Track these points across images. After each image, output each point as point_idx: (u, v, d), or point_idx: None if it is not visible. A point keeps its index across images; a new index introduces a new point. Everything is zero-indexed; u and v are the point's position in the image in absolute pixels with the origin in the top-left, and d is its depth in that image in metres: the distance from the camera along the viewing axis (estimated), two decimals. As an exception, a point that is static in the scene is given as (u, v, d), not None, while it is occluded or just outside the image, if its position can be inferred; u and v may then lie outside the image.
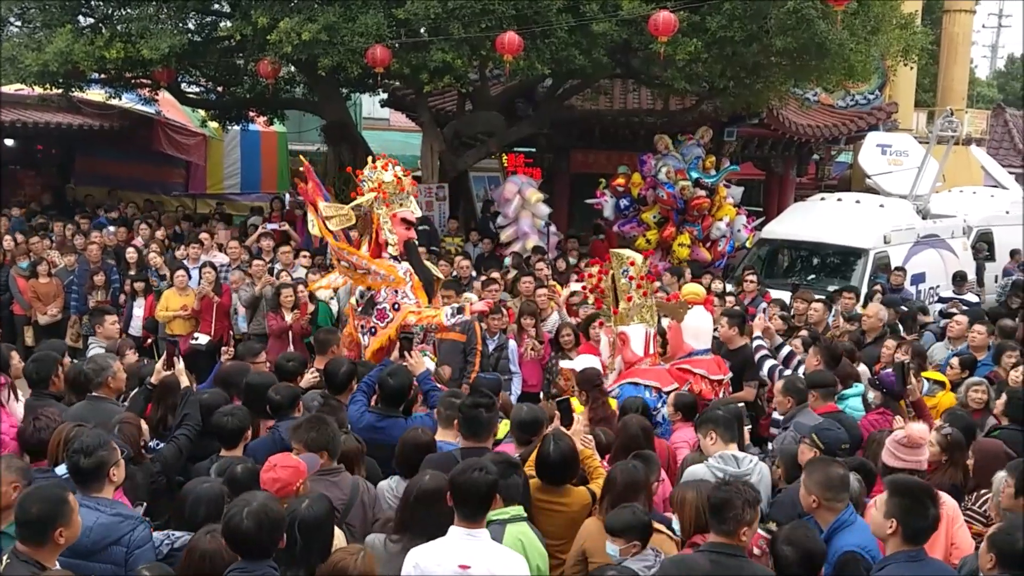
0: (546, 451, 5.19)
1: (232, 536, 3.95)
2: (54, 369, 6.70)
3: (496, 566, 4.24)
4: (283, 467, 4.80)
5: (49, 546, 3.96)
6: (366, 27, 12.22)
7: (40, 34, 13.63)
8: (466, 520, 4.33)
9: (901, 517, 4.20)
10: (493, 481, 4.40)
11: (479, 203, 18.72)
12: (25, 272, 12.85)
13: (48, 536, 3.94)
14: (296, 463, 4.86)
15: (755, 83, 14.83)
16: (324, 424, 5.25)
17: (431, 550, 4.30)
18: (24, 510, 3.94)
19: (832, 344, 8.49)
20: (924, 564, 4.21)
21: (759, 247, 15.77)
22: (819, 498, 4.75)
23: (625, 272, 8.55)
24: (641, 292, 8.51)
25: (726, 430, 5.80)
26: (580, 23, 12.77)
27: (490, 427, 5.52)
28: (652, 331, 8.47)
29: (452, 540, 4.31)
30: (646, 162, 15.73)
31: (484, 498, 4.37)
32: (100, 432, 4.72)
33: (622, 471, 5.08)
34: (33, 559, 3.91)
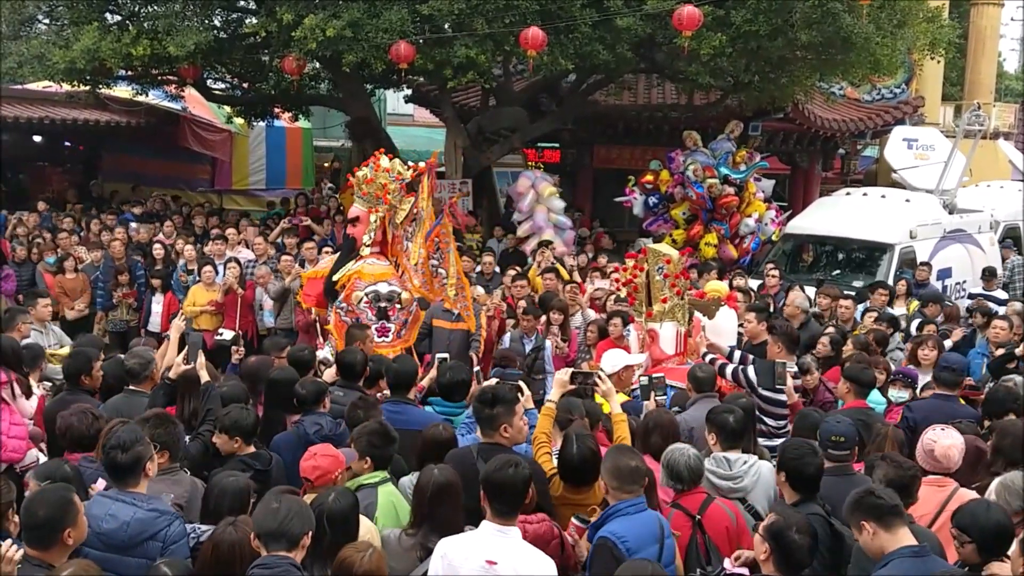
0: (569, 452, 5.12)
1: (261, 530, 4.00)
2: (90, 365, 6.79)
3: (523, 565, 4.21)
4: (323, 456, 4.90)
5: (58, 548, 4.00)
6: (390, 23, 12.25)
7: (68, 31, 13.72)
8: (498, 516, 4.32)
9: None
10: (527, 477, 4.38)
11: (502, 199, 18.73)
12: (52, 268, 12.95)
13: (57, 539, 3.98)
14: (336, 453, 4.94)
15: (780, 77, 14.78)
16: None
17: (460, 543, 4.30)
18: (31, 515, 3.96)
19: (788, 329, 8.39)
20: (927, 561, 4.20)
21: (783, 242, 15.70)
22: (608, 485, 4.75)
23: (660, 269, 8.52)
24: (675, 291, 8.48)
25: (727, 436, 5.68)
26: (604, 18, 12.75)
27: (493, 423, 5.42)
28: (683, 330, 8.44)
29: (482, 535, 4.31)
30: (674, 159, 15.67)
31: (518, 495, 4.34)
32: (136, 427, 4.77)
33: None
34: (44, 562, 3.95)
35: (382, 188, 8.84)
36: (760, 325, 8.87)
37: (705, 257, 15.09)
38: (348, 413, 5.91)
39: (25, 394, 6.44)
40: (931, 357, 8.60)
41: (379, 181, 8.87)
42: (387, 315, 8.68)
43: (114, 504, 4.43)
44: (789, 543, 4.22)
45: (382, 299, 8.71)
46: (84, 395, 6.59)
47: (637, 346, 8.68)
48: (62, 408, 5.86)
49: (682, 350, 8.40)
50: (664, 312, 8.46)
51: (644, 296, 8.75)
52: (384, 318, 8.68)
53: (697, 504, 5.16)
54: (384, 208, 8.95)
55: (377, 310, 8.70)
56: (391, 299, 8.75)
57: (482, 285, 11.89)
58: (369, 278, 8.83)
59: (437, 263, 9.15)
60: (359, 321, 8.59)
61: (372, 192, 8.90)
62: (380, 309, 8.69)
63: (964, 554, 4.44)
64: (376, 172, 8.89)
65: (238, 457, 5.47)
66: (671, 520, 5.03)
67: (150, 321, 12.16)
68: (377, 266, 8.95)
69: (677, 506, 5.16)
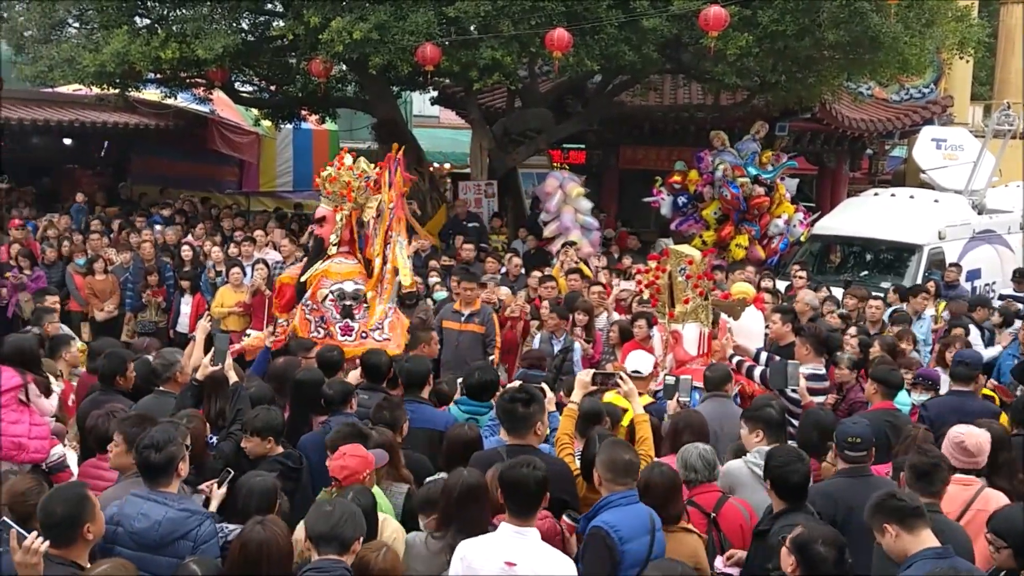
0: (592, 453, 5.17)
1: (313, 534, 4.04)
2: (125, 365, 6.86)
3: (542, 566, 4.23)
4: (352, 456, 4.93)
5: (79, 544, 4.04)
6: (416, 25, 12.29)
7: (97, 35, 13.86)
8: (516, 517, 4.33)
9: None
10: (542, 478, 4.38)
11: (528, 200, 18.75)
12: (82, 269, 13.08)
13: (77, 535, 4.02)
14: (365, 453, 4.97)
15: (807, 77, 14.71)
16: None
17: (479, 545, 4.31)
18: (49, 513, 3.99)
19: (816, 330, 8.36)
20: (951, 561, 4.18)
21: (811, 243, 15.62)
22: (602, 477, 4.77)
23: (682, 270, 8.50)
24: (698, 292, 8.46)
25: (773, 431, 5.79)
26: (630, 19, 12.74)
27: (528, 422, 5.45)
28: (707, 331, 8.42)
29: (501, 537, 4.32)
30: (703, 158, 15.62)
31: (534, 495, 4.35)
32: (169, 427, 4.81)
33: (660, 474, 5.04)
34: (67, 560, 3.99)
35: (346, 186, 8.86)
36: (786, 327, 8.83)
37: (735, 258, 15.04)
38: (374, 414, 5.95)
39: (44, 393, 6.51)
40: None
41: (343, 179, 8.89)
42: (352, 314, 8.69)
43: (146, 503, 4.48)
44: (815, 556, 4.19)
45: (347, 297, 8.72)
46: (117, 395, 6.66)
47: (661, 348, 8.67)
48: (95, 408, 5.92)
49: (706, 351, 8.36)
50: (686, 313, 8.43)
51: (667, 297, 8.72)
52: (348, 317, 8.70)
53: (712, 502, 5.27)
54: (349, 206, 8.97)
55: (342, 308, 8.71)
56: (356, 297, 8.77)
57: (507, 286, 11.91)
58: (336, 276, 8.84)
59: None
60: (324, 319, 8.65)
61: (336, 191, 8.93)
62: (345, 307, 8.70)
63: (1000, 559, 4.41)
64: (340, 170, 8.92)
65: (271, 457, 5.50)
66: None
67: (178, 322, 12.28)
68: (344, 265, 8.96)
69: (692, 503, 5.22)
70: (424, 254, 13.06)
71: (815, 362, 7.79)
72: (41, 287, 12.61)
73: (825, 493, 5.29)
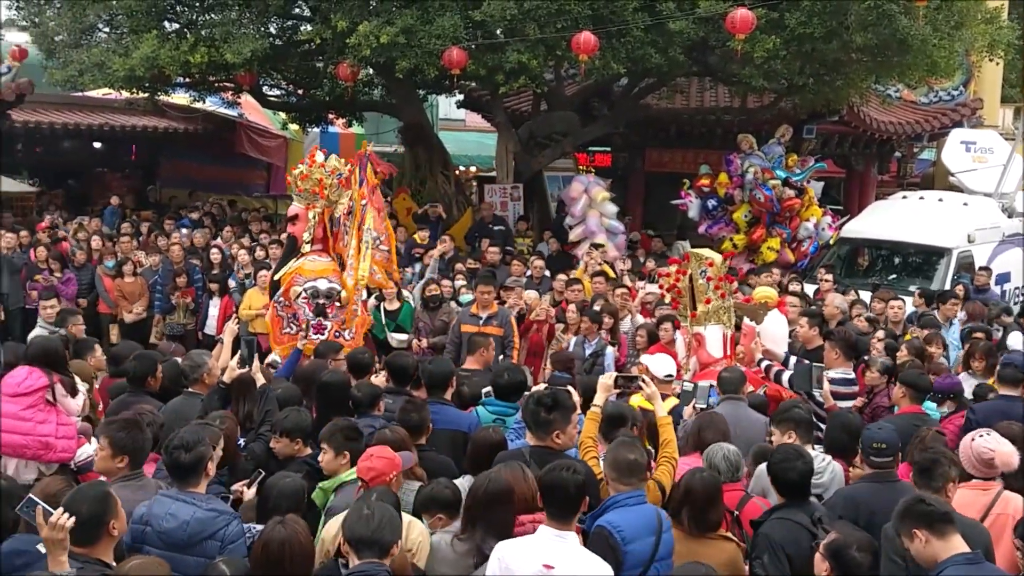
0: (617, 455, 5.19)
1: (351, 536, 4.06)
2: (156, 367, 6.94)
3: (580, 569, 4.20)
4: (379, 457, 4.95)
5: (104, 541, 4.09)
6: (443, 29, 12.33)
7: (127, 40, 13.95)
8: (555, 520, 4.31)
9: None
10: (581, 481, 4.36)
11: (554, 203, 18.75)
12: (111, 271, 13.20)
13: (102, 532, 4.07)
14: (392, 455, 4.99)
15: (835, 80, 14.63)
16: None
17: (518, 547, 4.29)
18: (73, 512, 4.00)
19: (846, 334, 8.29)
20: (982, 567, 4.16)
21: (839, 246, 15.53)
22: (607, 477, 4.81)
23: (703, 273, 8.49)
24: (719, 293, 8.44)
25: (805, 431, 5.82)
26: (656, 22, 12.72)
27: (550, 427, 5.43)
28: (729, 333, 8.40)
29: (540, 539, 4.30)
30: (732, 161, 15.56)
31: (572, 498, 4.32)
32: (198, 428, 4.86)
33: (701, 480, 5.03)
34: (93, 558, 4.02)
35: (318, 184, 8.89)
36: (813, 330, 8.77)
37: (765, 261, 14.99)
38: (400, 416, 5.96)
39: (70, 393, 6.58)
40: (982, 367, 8.43)
41: (314, 177, 8.93)
42: (325, 312, 8.72)
43: (174, 503, 4.53)
44: (850, 561, 4.17)
45: (320, 295, 8.76)
46: (146, 397, 6.74)
47: (684, 351, 8.65)
48: (124, 409, 5.98)
49: (729, 353, 8.35)
50: (708, 314, 8.42)
51: (688, 300, 8.71)
52: (322, 315, 8.73)
53: (735, 500, 5.28)
54: (322, 204, 9.00)
55: (315, 306, 8.75)
56: (330, 296, 8.80)
57: (532, 289, 11.90)
58: (309, 274, 8.89)
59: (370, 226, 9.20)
60: (296, 316, 8.67)
61: (308, 188, 8.96)
62: (318, 306, 8.74)
63: None
64: (311, 168, 8.95)
65: (300, 459, 5.54)
66: None
67: (206, 324, 12.38)
68: (318, 262, 9.00)
69: None
70: (447, 257, 13.07)
71: (844, 366, 7.75)
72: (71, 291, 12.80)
73: (849, 498, 5.28)
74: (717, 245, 15.54)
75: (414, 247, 14.09)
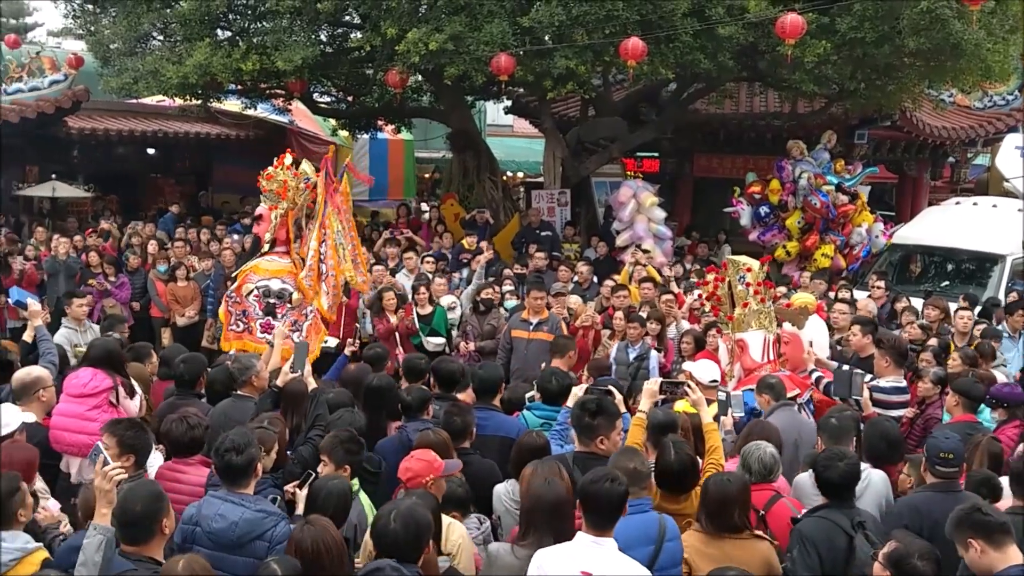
0: (667, 460, 5.16)
1: (380, 538, 4.08)
2: (204, 371, 7.05)
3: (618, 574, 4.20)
4: (418, 459, 5.01)
5: (157, 539, 4.15)
6: (491, 36, 12.37)
7: (181, 48, 14.16)
8: (593, 528, 4.31)
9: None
10: (623, 492, 4.35)
11: (601, 208, 18.73)
12: (164, 276, 13.39)
13: (156, 530, 4.13)
14: (432, 458, 5.03)
15: (887, 85, 14.48)
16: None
17: (556, 554, 4.29)
18: (127, 511, 4.09)
19: (896, 342, 8.15)
20: None
21: (891, 253, 15.34)
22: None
23: (742, 279, 8.45)
24: (759, 298, 8.39)
25: (830, 435, 5.77)
26: (705, 27, 12.65)
27: (594, 432, 5.46)
28: (771, 337, 8.34)
29: (578, 546, 4.29)
30: (783, 167, 15.45)
31: (614, 508, 4.32)
32: (246, 430, 4.92)
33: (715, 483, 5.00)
34: (144, 556, 4.08)
35: (282, 185, 8.94)
36: (866, 338, 8.60)
37: (819, 268, 14.86)
38: (445, 420, 5.99)
39: (129, 395, 6.69)
40: None
41: (279, 178, 8.98)
42: (274, 311, 8.77)
43: (223, 504, 4.59)
44: (911, 571, 4.11)
45: (272, 295, 8.82)
46: (194, 399, 6.85)
47: (726, 357, 8.59)
48: (171, 411, 6.07)
49: (772, 358, 8.28)
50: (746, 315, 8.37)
51: (729, 307, 8.67)
52: (271, 314, 8.78)
53: (764, 500, 5.28)
54: (284, 205, 9.04)
55: (265, 305, 8.80)
56: (281, 296, 8.86)
57: (579, 294, 11.90)
58: (263, 273, 8.96)
59: (339, 234, 9.25)
60: (246, 313, 8.71)
61: (273, 189, 9.01)
62: (268, 305, 8.80)
63: None
64: (277, 169, 9.00)
65: None
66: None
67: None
68: (275, 263, 9.06)
69: None
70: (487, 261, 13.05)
71: (895, 374, 7.64)
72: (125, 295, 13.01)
73: (912, 507, 5.21)
74: (770, 252, 15.45)
75: (461, 252, 14.13)
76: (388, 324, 11.02)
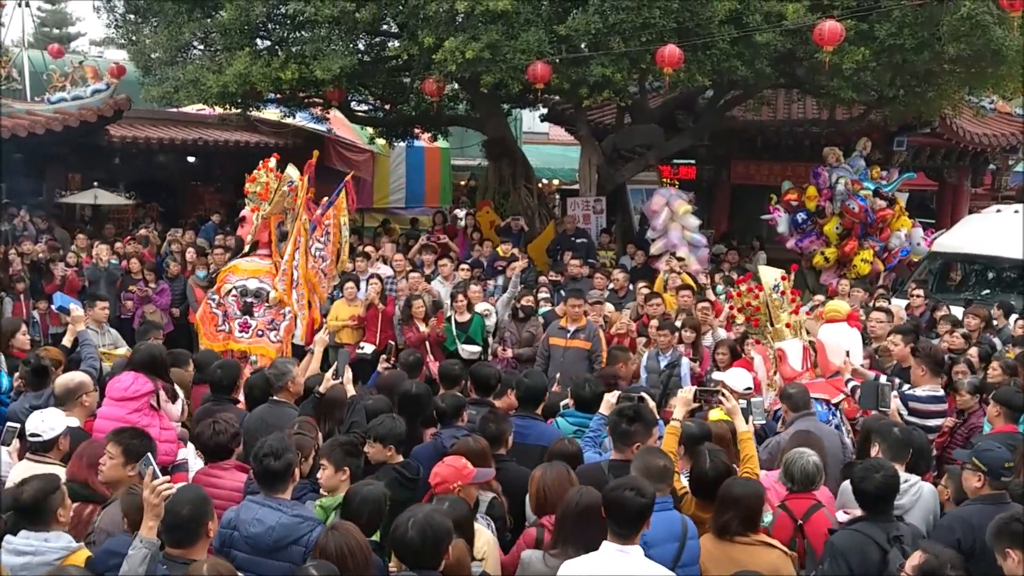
0: (702, 468, 5.17)
1: (398, 546, 4.10)
2: (239, 376, 7.12)
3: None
4: (447, 466, 5.06)
5: (202, 542, 4.20)
6: (528, 44, 12.39)
7: (221, 57, 14.29)
8: (618, 537, 4.33)
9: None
10: (646, 504, 4.35)
11: (636, 216, 18.70)
12: (203, 282, 13.48)
13: (202, 533, 4.19)
14: (462, 465, 5.07)
15: (927, 91, 14.36)
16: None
17: (583, 564, 4.32)
18: (176, 514, 4.14)
19: (933, 351, 8.01)
20: None
21: (930, 260, 15.18)
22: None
23: (776, 287, 8.41)
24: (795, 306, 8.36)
25: (894, 449, 5.69)
26: (742, 34, 12.61)
27: (632, 438, 5.47)
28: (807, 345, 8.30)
29: (604, 555, 4.31)
30: (820, 174, 15.36)
31: (636, 518, 4.33)
32: (284, 436, 4.98)
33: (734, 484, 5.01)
34: (189, 559, 4.12)
35: (264, 187, 8.99)
36: (907, 347, 8.49)
37: (859, 274, 14.75)
38: (480, 426, 6.02)
39: (171, 399, 6.77)
40: None
41: (261, 180, 9.03)
42: (251, 311, 8.82)
43: (261, 509, 4.64)
44: None
45: (249, 294, 8.89)
46: (229, 404, 6.92)
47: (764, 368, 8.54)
48: (207, 416, 6.14)
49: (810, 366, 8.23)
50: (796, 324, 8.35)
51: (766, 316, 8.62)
52: (248, 313, 8.83)
53: (803, 509, 5.26)
54: (266, 207, 9.09)
55: (243, 304, 8.86)
56: (258, 295, 8.91)
57: (614, 303, 11.88)
58: (242, 273, 9.04)
59: (322, 246, 9.34)
60: (227, 313, 8.76)
61: (256, 192, 9.06)
62: (246, 304, 8.86)
63: None
64: (260, 171, 9.05)
65: (389, 465, 5.61)
66: (775, 520, 5.12)
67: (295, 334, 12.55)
68: (253, 263, 9.13)
69: (784, 507, 5.23)
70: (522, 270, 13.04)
71: (932, 383, 7.53)
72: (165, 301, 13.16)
73: (964, 520, 5.16)
74: (808, 259, 15.35)
75: (496, 259, 14.16)
76: (418, 333, 11.07)
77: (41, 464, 5.38)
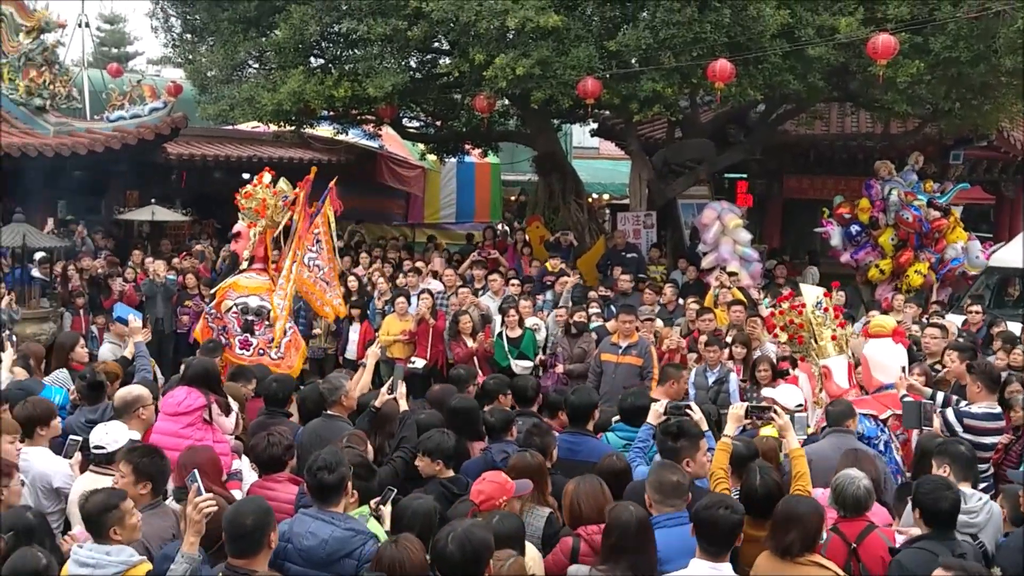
0: (752, 484, 5.14)
1: (438, 561, 4.12)
2: (294, 390, 7.20)
3: None
4: (490, 481, 5.08)
5: (264, 552, 4.24)
6: (578, 60, 12.43)
7: (275, 75, 14.51)
8: (708, 554, 4.34)
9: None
10: (738, 521, 4.36)
11: (687, 230, 18.63)
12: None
13: (264, 543, 4.22)
14: (504, 480, 5.10)
15: (982, 104, 14.17)
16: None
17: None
18: (238, 525, 4.17)
19: (988, 368, 7.84)
20: None
21: (988, 276, 14.91)
22: (650, 499, 4.87)
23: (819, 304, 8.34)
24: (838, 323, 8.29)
25: (962, 467, 5.58)
26: (795, 48, 12.53)
27: (680, 454, 5.44)
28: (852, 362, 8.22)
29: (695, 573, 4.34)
30: (872, 186, 15.20)
31: (729, 535, 4.35)
32: (336, 449, 5.03)
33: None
34: (250, 569, 4.17)
35: (261, 203, 9.00)
36: (963, 364, 8.34)
37: (912, 285, 14.55)
38: (524, 440, 6.05)
39: (224, 412, 6.87)
40: None
41: (258, 196, 9.04)
42: (252, 329, 8.82)
43: (314, 522, 4.69)
44: None
45: (250, 312, 8.89)
46: (282, 417, 7.01)
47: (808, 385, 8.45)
48: (262, 430, 6.21)
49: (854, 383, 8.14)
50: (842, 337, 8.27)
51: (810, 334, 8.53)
52: (248, 331, 8.83)
53: (856, 532, 5.14)
54: (263, 223, 9.10)
55: (244, 322, 8.86)
56: (259, 314, 8.90)
57: (663, 318, 11.81)
58: (242, 290, 9.06)
59: (315, 255, 9.37)
60: (226, 329, 8.77)
61: (251, 207, 9.08)
62: (247, 322, 8.87)
63: None
64: (256, 187, 9.07)
65: (438, 480, 5.64)
66: (828, 544, 4.98)
67: (347, 349, 12.68)
68: (254, 280, 9.14)
69: (836, 531, 5.14)
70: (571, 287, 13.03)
71: (988, 399, 7.40)
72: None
73: None
74: (863, 273, 15.17)
75: (546, 275, 14.19)
76: (466, 348, 11.13)
77: (105, 476, 5.45)
